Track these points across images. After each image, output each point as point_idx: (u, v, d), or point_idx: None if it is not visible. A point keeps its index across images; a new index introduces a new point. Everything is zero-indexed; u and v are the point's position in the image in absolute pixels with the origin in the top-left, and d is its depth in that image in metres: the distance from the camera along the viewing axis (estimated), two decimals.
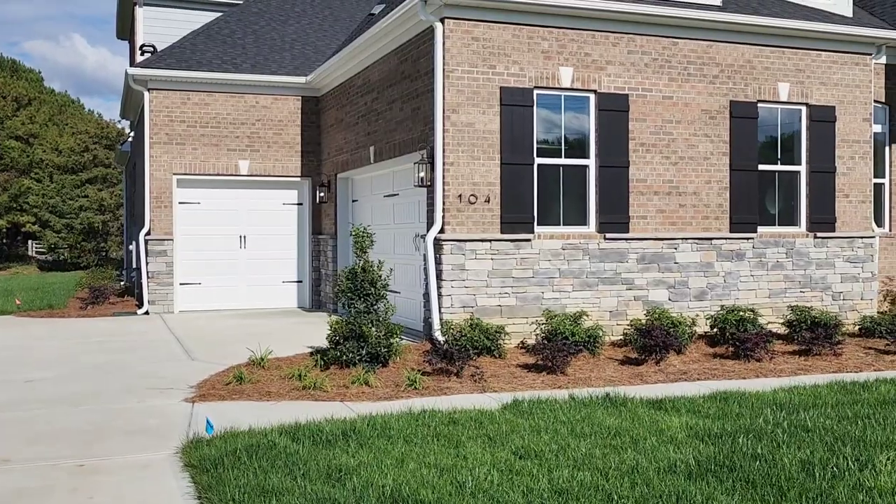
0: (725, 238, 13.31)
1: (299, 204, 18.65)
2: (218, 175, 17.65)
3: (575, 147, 12.66)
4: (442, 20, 11.77)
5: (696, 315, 12.83)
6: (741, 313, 12.01)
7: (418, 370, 9.91)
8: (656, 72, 12.91)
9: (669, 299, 12.91)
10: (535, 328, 11.68)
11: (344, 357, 10.21)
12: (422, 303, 12.62)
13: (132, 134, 25.65)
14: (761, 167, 13.63)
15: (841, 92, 14.10)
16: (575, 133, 12.67)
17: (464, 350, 10.09)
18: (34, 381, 9.87)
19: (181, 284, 17.59)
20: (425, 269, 11.98)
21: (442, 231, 11.80)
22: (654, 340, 10.76)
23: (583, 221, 12.68)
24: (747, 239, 13.43)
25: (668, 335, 10.91)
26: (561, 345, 10.42)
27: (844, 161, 14.14)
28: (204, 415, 7.80)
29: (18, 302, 19.26)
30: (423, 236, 12.27)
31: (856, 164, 14.24)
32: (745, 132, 13.43)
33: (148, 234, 17.25)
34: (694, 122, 13.12)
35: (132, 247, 22.00)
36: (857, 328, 13.47)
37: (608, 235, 12.60)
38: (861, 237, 14.21)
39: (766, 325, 12.55)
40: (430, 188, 12.12)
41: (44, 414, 8.14)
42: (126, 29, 24.77)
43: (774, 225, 13.84)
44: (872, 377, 9.75)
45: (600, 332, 11.41)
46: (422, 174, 12.22)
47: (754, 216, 13.49)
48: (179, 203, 17.59)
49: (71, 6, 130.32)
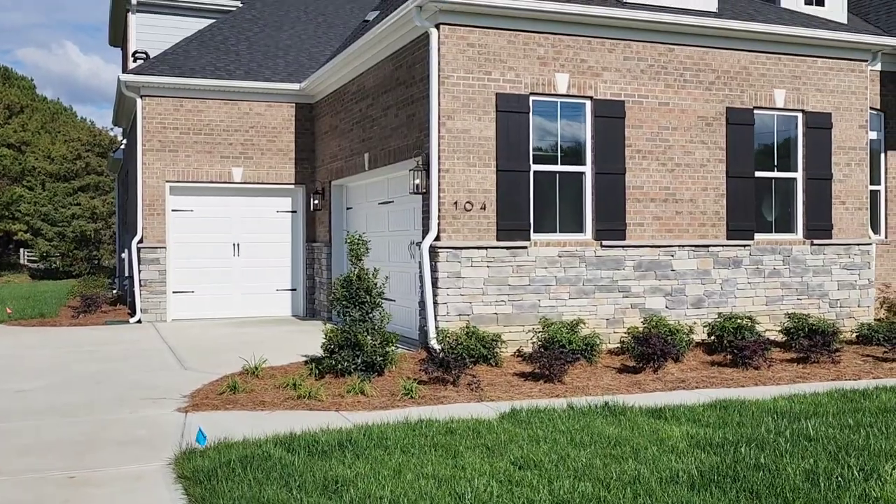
0: (722, 245, 13.25)
1: (293, 211, 18.55)
2: (211, 182, 17.54)
3: (571, 154, 12.59)
4: (437, 26, 11.70)
5: (694, 323, 12.75)
6: (739, 321, 11.96)
7: (414, 379, 9.81)
8: (652, 78, 12.85)
9: (666, 307, 12.83)
10: (532, 336, 11.59)
11: (339, 366, 10.11)
12: (417, 311, 12.53)
13: (125, 141, 25.52)
14: (758, 174, 13.58)
15: (837, 98, 14.07)
16: (571, 140, 12.61)
17: (460, 359, 9.98)
18: (25, 391, 9.74)
19: (174, 293, 17.45)
20: (421, 277, 11.89)
21: (437, 238, 11.71)
22: (651, 348, 10.67)
23: (579, 229, 12.61)
24: (744, 246, 13.37)
25: (665, 343, 10.82)
26: (558, 353, 10.32)
27: (841, 168, 14.11)
28: (197, 425, 7.68)
29: (9, 311, 19.10)
30: (418, 244, 12.18)
31: (852, 171, 14.20)
32: (742, 139, 13.38)
33: (140, 241, 17.11)
34: (690, 128, 13.07)
35: (124, 255, 21.85)
36: (854, 335, 13.41)
37: (605, 243, 12.52)
38: (858, 244, 14.17)
39: (764, 332, 12.48)
40: (426, 195, 12.04)
41: (34, 425, 8.01)
42: (119, 36, 24.65)
43: (771, 232, 13.78)
44: (872, 385, 9.68)
45: (597, 340, 11.33)
46: (417, 181, 12.14)
47: (751, 223, 13.43)
48: (172, 210, 17.47)
49: (63, 14, 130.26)
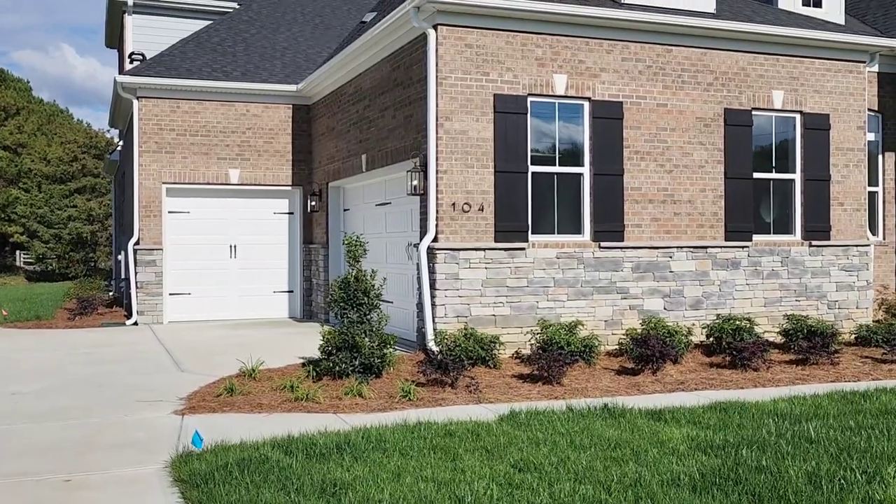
0: (720, 246, 13.21)
1: (290, 213, 18.49)
2: (208, 184, 17.48)
3: (569, 155, 12.55)
4: (435, 27, 11.66)
5: (692, 324, 12.71)
6: (737, 322, 11.92)
7: (412, 381, 9.76)
8: (650, 79, 12.82)
9: (665, 308, 12.79)
10: (530, 338, 11.54)
11: (337, 368, 10.05)
12: (415, 312, 12.47)
13: (121, 143, 25.44)
14: (756, 175, 13.54)
15: (835, 100, 14.05)
16: (569, 141, 12.57)
17: (458, 360, 9.94)
18: (20, 393, 9.67)
19: (171, 294, 17.38)
20: (418, 279, 11.84)
21: (435, 240, 11.66)
22: (650, 350, 10.64)
23: (577, 230, 12.57)
24: (742, 247, 13.34)
25: (664, 345, 10.78)
26: (556, 355, 10.28)
27: (839, 169, 14.08)
28: (194, 427, 7.62)
29: (5, 313, 19.01)
30: (416, 245, 12.13)
31: (850, 172, 14.17)
32: (740, 140, 13.35)
33: (137, 243, 17.04)
34: (688, 129, 13.03)
35: (121, 257, 21.77)
36: (853, 337, 13.38)
37: (603, 244, 12.48)
38: (856, 245, 14.14)
39: (763, 334, 12.44)
40: (424, 196, 11.99)
41: (30, 427, 7.95)
42: (115, 38, 24.57)
43: (769, 233, 13.74)
44: (872, 386, 9.65)
45: (596, 342, 11.28)
46: (415, 182, 12.09)
47: (749, 224, 13.40)
48: (169, 212, 17.40)
49: (60, 16, 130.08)
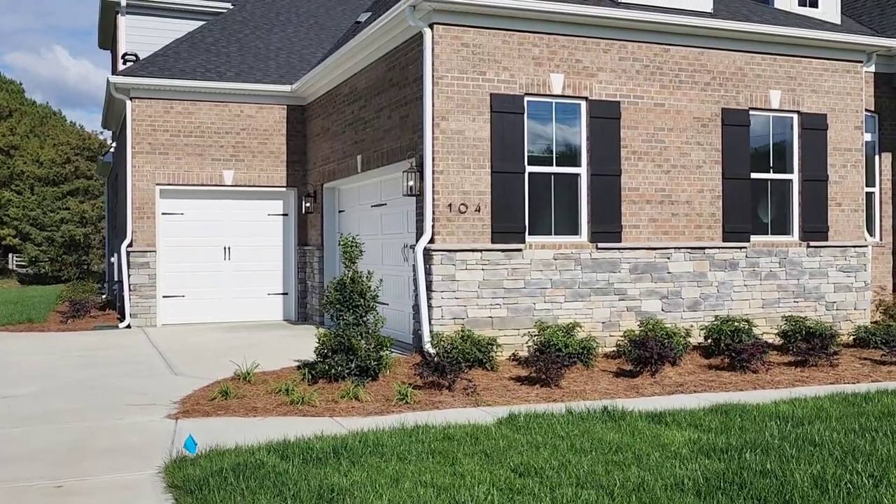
0: (718, 247, 13.13)
1: (285, 215, 18.36)
2: (202, 185, 17.34)
3: (566, 155, 12.46)
4: (431, 26, 11.56)
5: (690, 326, 12.61)
6: (736, 324, 11.84)
7: (409, 384, 9.65)
8: (648, 79, 12.74)
9: (662, 310, 12.70)
10: (527, 340, 11.44)
11: (332, 371, 9.93)
12: (411, 314, 12.36)
13: (114, 144, 25.28)
14: (754, 175, 13.47)
15: (832, 100, 13.98)
16: (566, 141, 12.48)
17: (456, 363, 9.83)
18: (11, 397, 9.53)
19: (164, 297, 17.23)
20: (415, 280, 11.73)
21: (432, 241, 11.56)
22: (649, 352, 10.54)
23: (574, 231, 12.47)
24: (740, 248, 13.26)
25: (662, 346, 10.69)
26: (554, 357, 10.17)
27: (836, 169, 14.01)
28: (188, 432, 7.50)
29: None
30: (412, 246, 12.02)
31: (848, 173, 14.11)
32: (738, 140, 13.28)
33: (130, 245, 16.90)
34: (686, 129, 12.95)
35: (114, 259, 21.61)
36: (851, 338, 13.32)
37: (600, 245, 12.39)
38: (854, 246, 14.07)
39: (761, 335, 12.37)
40: (420, 197, 11.88)
41: (21, 432, 7.82)
42: (108, 39, 24.42)
43: (767, 234, 13.67)
44: (873, 388, 9.57)
45: (594, 344, 11.19)
46: (411, 183, 11.98)
47: (747, 225, 13.32)
48: (162, 214, 17.26)
49: (53, 18, 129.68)
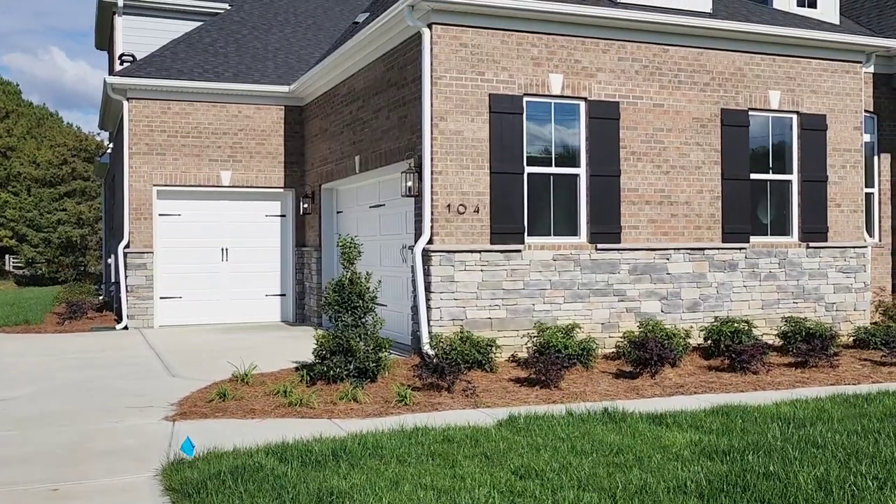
0: (718, 248, 13.09)
1: (282, 216, 18.30)
2: (199, 186, 17.27)
3: (565, 156, 12.41)
4: (430, 26, 11.51)
5: (690, 327, 12.56)
6: (735, 325, 11.80)
7: (408, 385, 9.59)
8: (647, 79, 12.69)
9: (662, 311, 12.66)
10: (527, 341, 11.39)
11: (331, 372, 9.87)
12: (409, 316, 12.31)
13: (111, 145, 25.20)
14: (753, 176, 13.42)
15: (832, 100, 13.95)
16: (565, 141, 12.43)
17: (455, 364, 9.78)
18: (7, 399, 9.46)
19: (161, 298, 17.17)
20: (413, 282, 11.67)
21: (430, 242, 11.50)
22: (649, 353, 10.49)
23: (574, 232, 12.42)
24: (740, 249, 13.21)
25: (662, 348, 10.64)
26: (554, 358, 10.12)
27: (836, 170, 13.97)
28: (185, 434, 7.44)
29: None
30: (410, 247, 11.97)
31: (847, 173, 14.07)
32: (737, 141, 13.23)
33: (127, 246, 16.83)
34: (685, 130, 12.91)
35: (111, 260, 21.54)
36: (851, 339, 13.27)
37: (599, 246, 12.34)
38: (853, 247, 14.03)
39: (761, 336, 12.32)
40: (418, 198, 11.83)
41: (16, 435, 7.75)
42: (105, 39, 24.34)
43: (766, 235, 13.63)
44: (874, 390, 9.52)
45: (593, 345, 11.14)
46: (409, 184, 11.93)
47: (746, 226, 13.28)
48: (160, 215, 17.19)
49: (50, 19, 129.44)
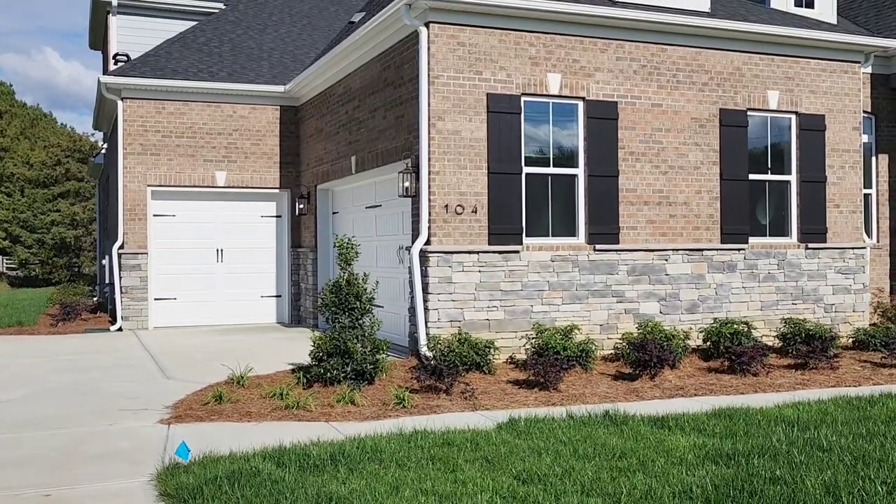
0: (716, 249, 13.01)
1: (278, 216, 18.18)
2: (194, 187, 17.14)
3: (563, 156, 12.32)
4: (427, 24, 11.41)
5: (689, 328, 12.48)
6: (735, 326, 11.72)
7: (406, 387, 9.49)
8: (645, 79, 12.61)
9: (661, 312, 12.57)
10: (525, 343, 11.30)
11: (328, 374, 9.77)
12: (406, 317, 12.20)
13: (105, 146, 25.05)
14: (752, 176, 13.35)
15: (830, 100, 13.88)
16: (563, 142, 12.34)
17: (453, 366, 9.68)
18: (0, 402, 9.35)
19: (156, 299, 17.04)
20: (411, 283, 11.57)
21: (428, 243, 11.40)
22: (648, 355, 10.40)
23: (572, 232, 12.33)
24: (738, 250, 13.14)
25: (662, 349, 10.55)
26: (553, 360, 10.03)
27: (835, 170, 13.91)
28: (180, 437, 7.32)
29: None
30: (407, 248, 11.86)
31: (846, 174, 14.01)
32: (736, 141, 13.16)
33: (121, 247, 16.69)
34: (683, 130, 12.83)
35: (105, 261, 21.40)
36: (850, 341, 13.20)
37: (598, 247, 12.25)
38: (852, 248, 13.97)
39: (760, 337, 12.26)
40: (416, 198, 11.73)
41: (9, 438, 7.62)
42: (99, 39, 24.20)
43: (765, 235, 13.56)
44: (876, 392, 9.43)
45: (592, 347, 11.06)
46: (406, 184, 11.82)
47: (745, 227, 13.21)
48: (154, 216, 17.06)
49: (44, 20, 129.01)
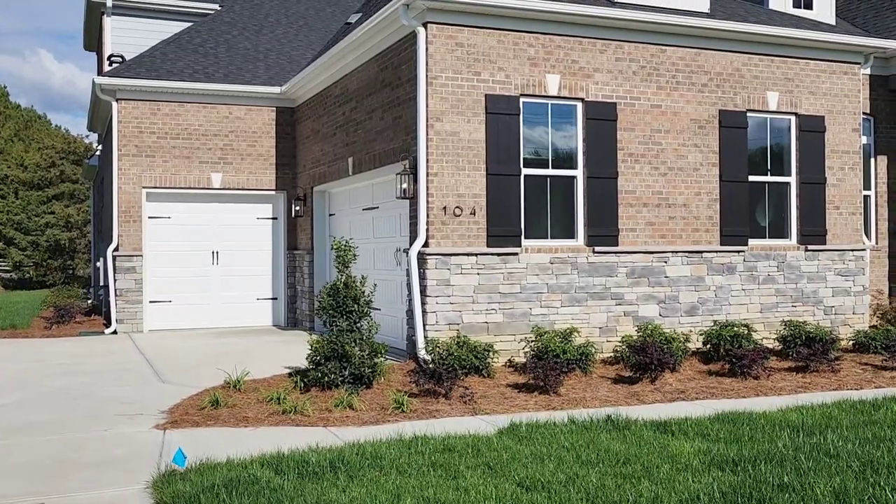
0: (716, 251, 12.93)
1: (274, 218, 18.06)
2: (189, 188, 17.02)
3: (562, 157, 12.23)
4: (425, 25, 11.31)
5: (689, 331, 12.40)
6: (735, 329, 11.63)
7: (405, 392, 9.38)
8: (644, 80, 12.53)
9: (660, 314, 12.48)
10: (524, 346, 11.20)
11: (326, 378, 9.66)
12: (404, 320, 12.10)
13: (100, 147, 24.91)
14: (751, 178, 13.27)
15: (830, 102, 13.81)
16: (562, 143, 12.24)
17: (452, 370, 9.58)
18: None
19: (151, 302, 16.90)
20: (409, 285, 11.46)
21: (426, 245, 11.29)
22: (648, 358, 10.30)
23: (571, 234, 12.24)
24: (738, 252, 13.06)
25: (662, 352, 10.45)
26: (552, 363, 9.93)
27: (834, 172, 13.84)
28: (177, 443, 7.21)
29: None
30: (405, 250, 11.76)
31: (846, 176, 13.94)
32: (735, 142, 13.08)
33: (116, 249, 16.56)
34: (683, 131, 12.75)
35: (100, 264, 21.24)
36: (850, 343, 13.12)
37: (597, 249, 12.16)
38: (852, 250, 13.90)
39: (760, 340, 12.18)
40: (413, 200, 11.62)
41: (1, 444, 7.50)
42: (94, 40, 24.06)
43: (765, 237, 13.48)
44: (879, 395, 9.35)
45: (592, 350, 10.96)
46: (404, 186, 11.72)
47: (745, 228, 13.13)
48: (149, 218, 16.94)
49: (38, 21, 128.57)
